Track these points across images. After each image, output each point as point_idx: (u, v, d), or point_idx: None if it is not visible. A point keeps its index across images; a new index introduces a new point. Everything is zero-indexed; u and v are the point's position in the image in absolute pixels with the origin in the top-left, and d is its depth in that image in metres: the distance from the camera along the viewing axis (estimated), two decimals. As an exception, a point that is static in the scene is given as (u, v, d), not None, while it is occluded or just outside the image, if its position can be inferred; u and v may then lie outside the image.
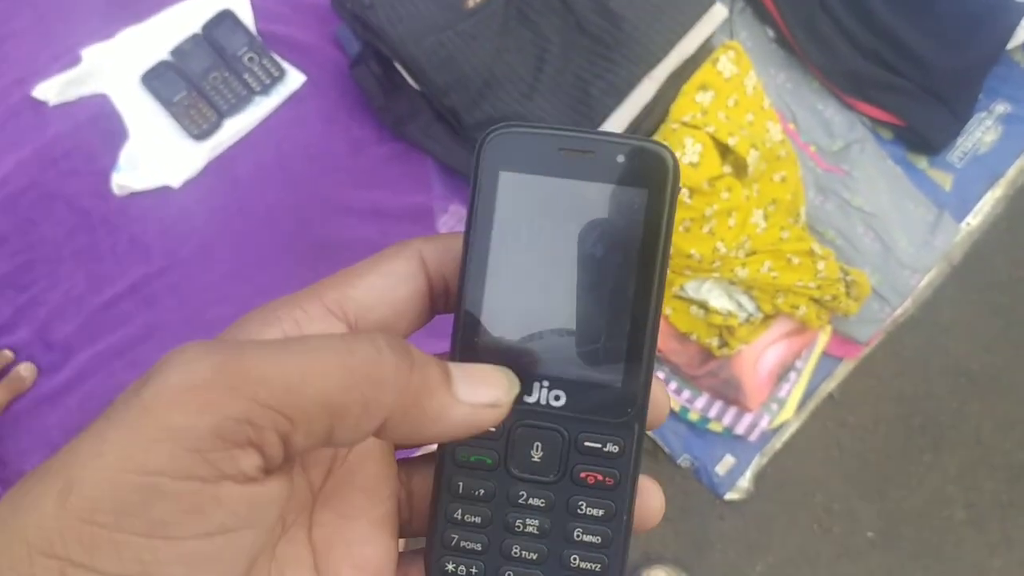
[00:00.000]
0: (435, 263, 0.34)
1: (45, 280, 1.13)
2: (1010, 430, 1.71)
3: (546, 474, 0.34)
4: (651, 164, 0.33)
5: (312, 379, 0.26)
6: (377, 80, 1.20)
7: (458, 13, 1.17)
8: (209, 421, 0.25)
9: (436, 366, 0.30)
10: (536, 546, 0.34)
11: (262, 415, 0.26)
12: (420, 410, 0.29)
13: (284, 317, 0.31)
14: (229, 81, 1.19)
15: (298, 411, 0.26)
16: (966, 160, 1.50)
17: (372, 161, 1.24)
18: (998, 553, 1.66)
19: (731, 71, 1.27)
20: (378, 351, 0.28)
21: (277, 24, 1.24)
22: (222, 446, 0.25)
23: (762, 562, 1.61)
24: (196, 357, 0.26)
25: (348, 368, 0.27)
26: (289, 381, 0.26)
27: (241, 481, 0.26)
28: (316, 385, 0.26)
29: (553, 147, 0.34)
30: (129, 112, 1.18)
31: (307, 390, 0.26)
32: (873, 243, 1.40)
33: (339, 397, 0.27)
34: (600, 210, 0.33)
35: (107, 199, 1.15)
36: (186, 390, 0.25)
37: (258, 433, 0.26)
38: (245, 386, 0.26)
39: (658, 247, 0.33)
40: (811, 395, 1.43)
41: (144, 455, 0.25)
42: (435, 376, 0.29)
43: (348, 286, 0.33)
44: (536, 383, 0.34)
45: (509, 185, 0.34)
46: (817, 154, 1.42)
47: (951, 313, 1.70)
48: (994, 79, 1.50)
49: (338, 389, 0.27)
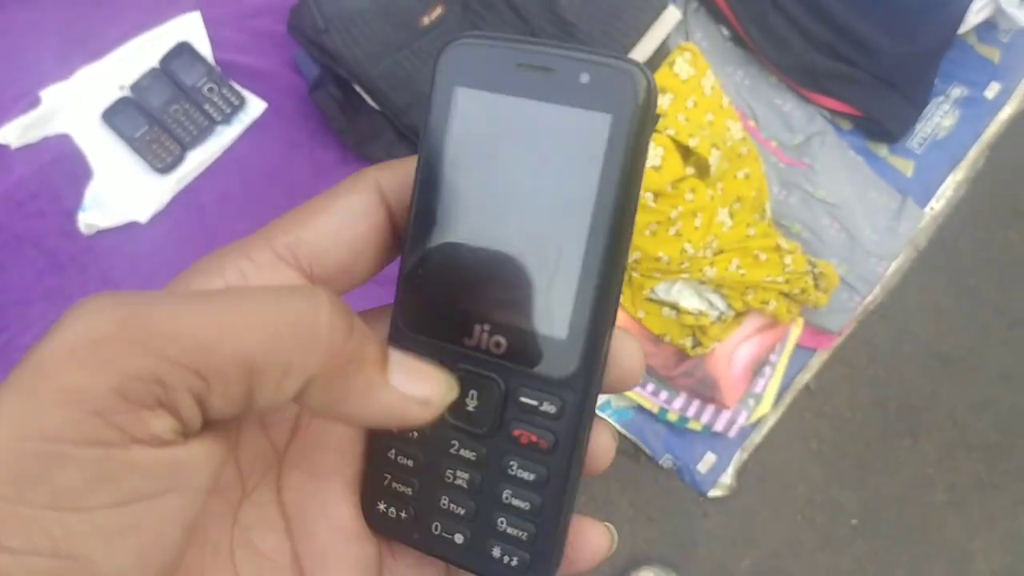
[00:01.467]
0: (395, 194, 0.31)
1: (16, 324, 1.13)
2: (984, 410, 1.73)
3: (480, 426, 0.31)
4: (619, 85, 0.29)
5: (230, 334, 0.24)
6: (337, 103, 1.20)
7: (413, 32, 1.17)
8: (110, 380, 0.22)
9: (375, 344, 0.28)
10: (465, 502, 0.32)
11: (171, 373, 0.23)
12: (345, 382, 0.27)
13: (229, 267, 0.29)
14: (190, 113, 1.20)
15: (212, 369, 0.24)
16: (926, 145, 1.52)
17: (337, 183, 1.24)
18: (980, 533, 1.68)
19: (688, 72, 1.28)
20: (314, 308, 0.25)
21: (235, 53, 1.24)
22: (127, 408, 0.23)
23: (748, 556, 1.62)
24: (98, 309, 0.23)
25: (273, 323, 0.25)
26: (204, 336, 0.24)
27: (154, 444, 0.24)
28: (234, 341, 0.24)
29: (512, 62, 0.30)
30: (92, 150, 1.17)
31: (223, 346, 0.24)
32: (839, 234, 1.41)
33: (260, 355, 0.24)
34: (559, 136, 0.29)
35: (75, 239, 1.15)
36: (84, 347, 0.23)
37: (168, 393, 0.23)
38: (152, 341, 0.23)
39: (620, 183, 0.29)
40: (787, 388, 1.44)
41: (41, 420, 0.22)
42: (371, 353, 0.27)
43: (300, 228, 0.30)
44: (477, 325, 0.30)
45: (464, 102, 0.30)
46: (778, 149, 1.43)
47: (920, 298, 1.72)
48: (949, 63, 1.52)
49: (259, 346, 0.24)
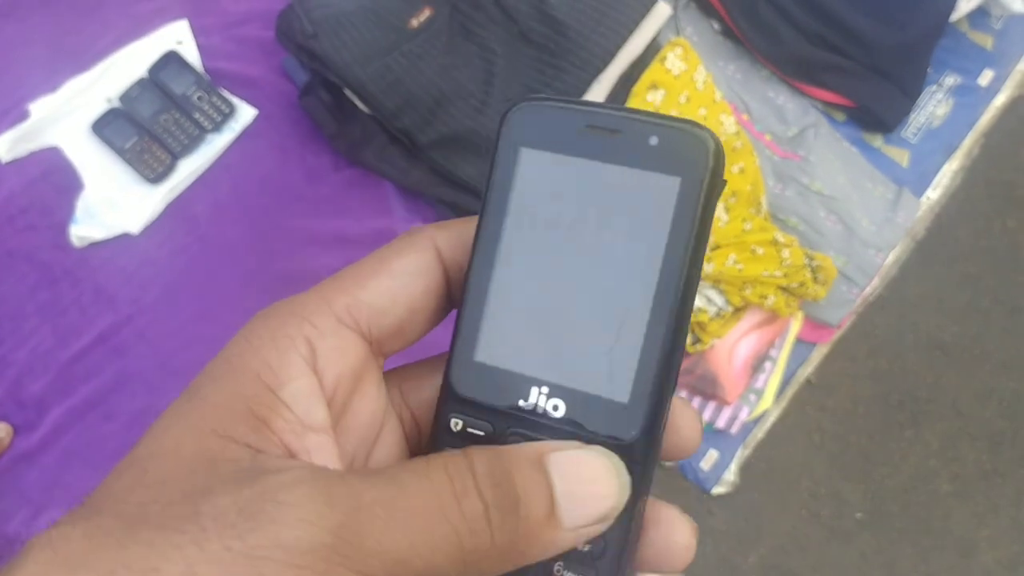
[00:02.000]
0: (451, 252, 0.31)
1: (11, 339, 1.12)
2: (987, 399, 1.72)
3: None
4: (688, 149, 0.29)
5: (421, 554, 0.25)
6: (327, 108, 1.20)
7: (402, 34, 1.17)
8: None
9: (540, 499, 0.26)
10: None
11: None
12: (521, 557, 0.26)
13: (296, 336, 0.28)
14: (180, 122, 1.19)
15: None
16: (921, 135, 1.51)
17: (330, 189, 1.24)
18: (986, 522, 1.67)
19: (680, 68, 1.28)
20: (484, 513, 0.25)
21: (223, 61, 1.24)
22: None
23: (754, 553, 1.61)
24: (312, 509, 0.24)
25: (455, 544, 0.25)
26: (399, 555, 0.24)
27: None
28: (425, 557, 0.25)
29: (580, 124, 0.30)
30: (82, 162, 1.17)
31: (416, 562, 0.24)
32: (835, 226, 1.41)
33: (442, 564, 0.25)
34: (626, 199, 0.29)
35: (67, 251, 1.15)
36: (301, 555, 0.23)
37: None
38: (358, 558, 0.24)
39: (688, 245, 0.28)
40: (788, 382, 1.44)
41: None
42: (539, 514, 0.26)
43: (358, 288, 0.30)
44: (534, 387, 0.30)
45: (529, 163, 0.30)
46: (773, 142, 1.42)
47: (919, 288, 1.71)
48: (942, 52, 1.52)
49: (444, 559, 0.25)
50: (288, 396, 0.28)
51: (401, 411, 0.33)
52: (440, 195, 1.22)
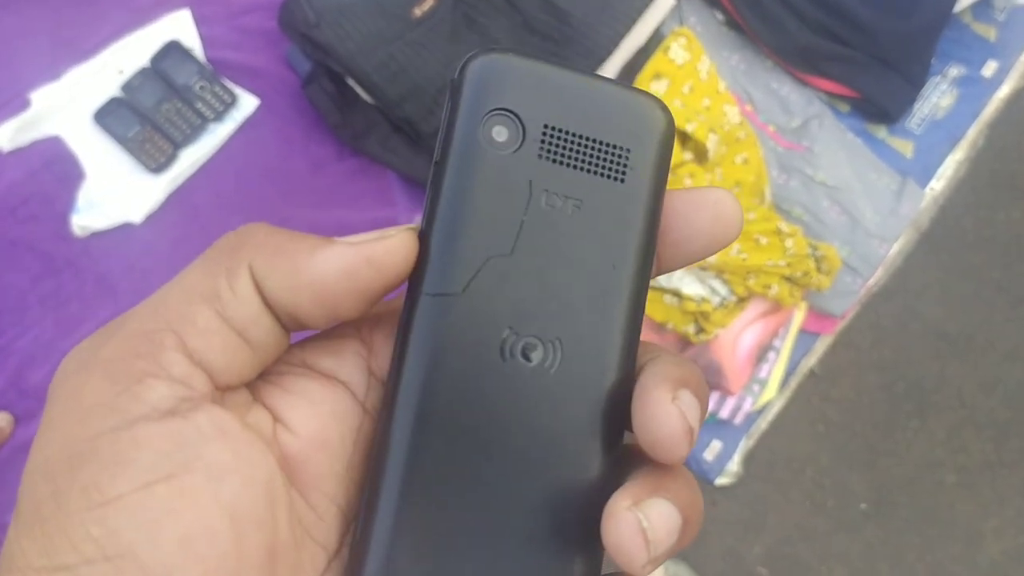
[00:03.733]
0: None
1: (13, 329, 1.12)
2: (992, 389, 1.72)
3: None
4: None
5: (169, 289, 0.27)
6: (331, 97, 1.19)
7: (405, 23, 1.16)
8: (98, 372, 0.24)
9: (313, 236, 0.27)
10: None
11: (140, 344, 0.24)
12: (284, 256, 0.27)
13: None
14: (182, 111, 1.19)
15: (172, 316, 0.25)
16: (925, 126, 1.51)
17: (333, 179, 1.23)
18: (992, 512, 1.67)
19: (683, 58, 1.27)
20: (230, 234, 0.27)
21: (226, 50, 1.24)
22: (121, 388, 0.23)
23: (759, 543, 1.61)
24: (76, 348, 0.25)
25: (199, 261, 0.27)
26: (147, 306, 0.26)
27: (157, 418, 0.23)
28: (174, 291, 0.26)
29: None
30: (84, 152, 1.17)
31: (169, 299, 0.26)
32: (840, 216, 1.40)
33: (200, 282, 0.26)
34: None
35: (69, 241, 1.14)
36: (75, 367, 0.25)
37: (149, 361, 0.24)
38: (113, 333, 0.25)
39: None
40: (792, 373, 1.43)
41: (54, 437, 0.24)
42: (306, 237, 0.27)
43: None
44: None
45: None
46: (776, 133, 1.42)
47: (923, 278, 1.71)
48: (946, 42, 1.51)
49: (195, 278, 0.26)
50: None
51: None
52: (443, 184, 1.21)
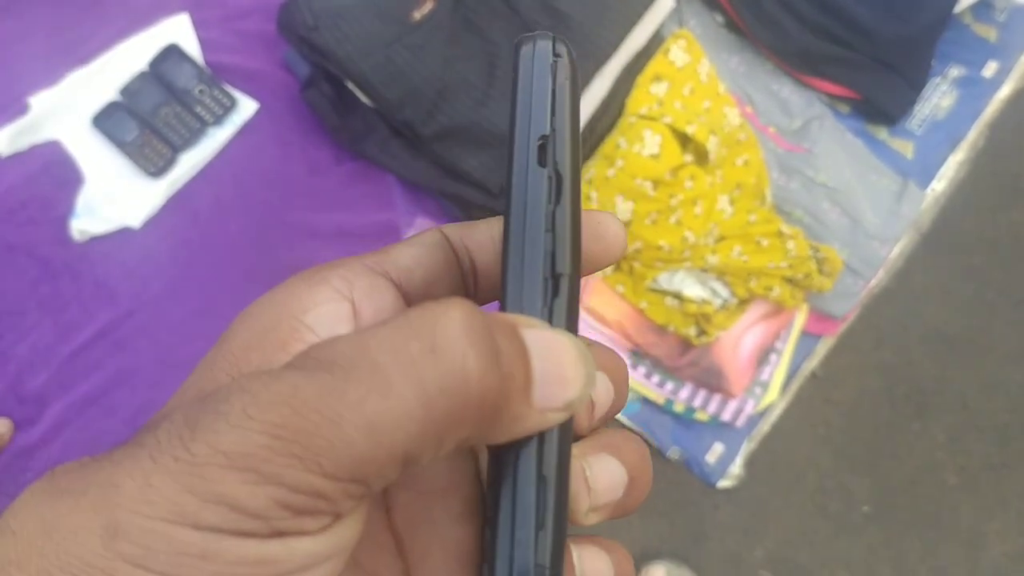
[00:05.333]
0: (457, 238, 0.32)
1: (12, 333, 1.12)
2: (994, 391, 1.72)
3: None
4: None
5: (386, 434, 0.22)
6: (330, 101, 1.19)
7: (404, 26, 1.16)
8: (270, 493, 0.22)
9: (520, 363, 0.25)
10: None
11: (331, 488, 0.23)
12: (492, 426, 0.25)
13: (329, 275, 0.28)
14: (181, 115, 1.18)
15: (371, 473, 0.23)
16: (925, 127, 1.51)
17: (332, 182, 1.23)
18: (994, 515, 1.67)
19: (683, 60, 1.27)
20: (462, 359, 0.23)
21: (225, 54, 1.23)
22: (288, 514, 0.22)
23: (760, 547, 1.61)
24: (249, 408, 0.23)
25: (426, 405, 0.23)
26: (359, 447, 0.22)
27: (305, 536, 0.23)
28: (391, 440, 0.23)
29: None
30: (83, 156, 1.16)
31: (379, 452, 0.23)
32: (840, 218, 1.40)
33: (415, 448, 0.23)
34: None
35: (68, 246, 1.14)
36: (239, 457, 0.22)
37: (332, 505, 0.23)
38: (308, 456, 0.22)
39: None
40: (794, 375, 1.43)
41: (197, 514, 0.22)
42: (519, 381, 0.25)
43: (384, 253, 0.31)
44: None
45: None
46: (777, 134, 1.42)
47: (925, 280, 1.70)
48: (946, 44, 1.51)
49: (412, 442, 0.23)
50: (313, 320, 0.27)
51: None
52: (442, 187, 1.21)
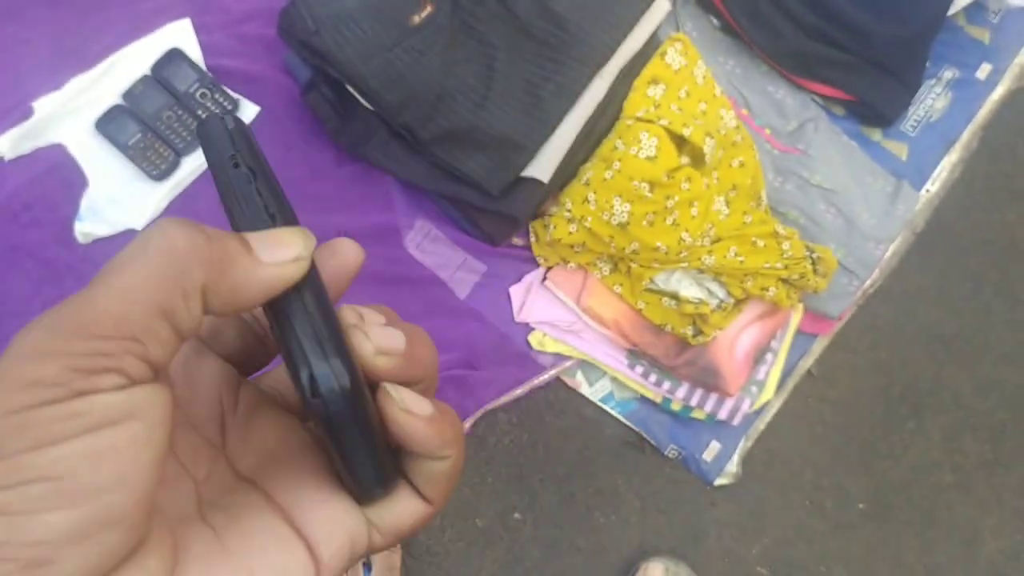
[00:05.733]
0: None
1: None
2: (988, 390, 1.73)
3: None
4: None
5: (134, 296, 0.28)
6: (330, 104, 1.20)
7: (404, 30, 1.17)
8: (60, 363, 0.27)
9: (234, 238, 0.32)
10: None
11: (109, 346, 0.28)
12: (228, 278, 0.31)
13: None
14: (183, 118, 1.20)
15: (139, 328, 0.28)
16: (919, 128, 1.52)
17: (333, 185, 1.24)
18: (989, 512, 1.68)
19: (680, 63, 1.28)
20: (169, 241, 0.30)
21: (226, 58, 1.25)
22: (81, 377, 0.27)
23: (758, 544, 1.62)
24: (29, 329, 0.28)
25: (156, 270, 0.29)
26: (117, 309, 0.28)
27: (108, 391, 0.28)
28: (141, 301, 0.28)
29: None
30: (86, 159, 1.17)
31: (136, 309, 0.28)
32: (835, 219, 1.41)
33: (163, 299, 0.29)
34: None
35: (72, 248, 1.15)
36: (32, 352, 0.27)
37: (114, 360, 0.28)
38: (82, 329, 0.27)
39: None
40: (790, 374, 1.44)
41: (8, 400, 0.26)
42: (234, 246, 0.32)
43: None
44: None
45: None
46: (772, 136, 1.43)
47: (920, 280, 1.72)
48: (940, 45, 1.52)
49: (158, 293, 0.29)
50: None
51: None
52: (441, 189, 1.22)
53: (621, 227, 1.21)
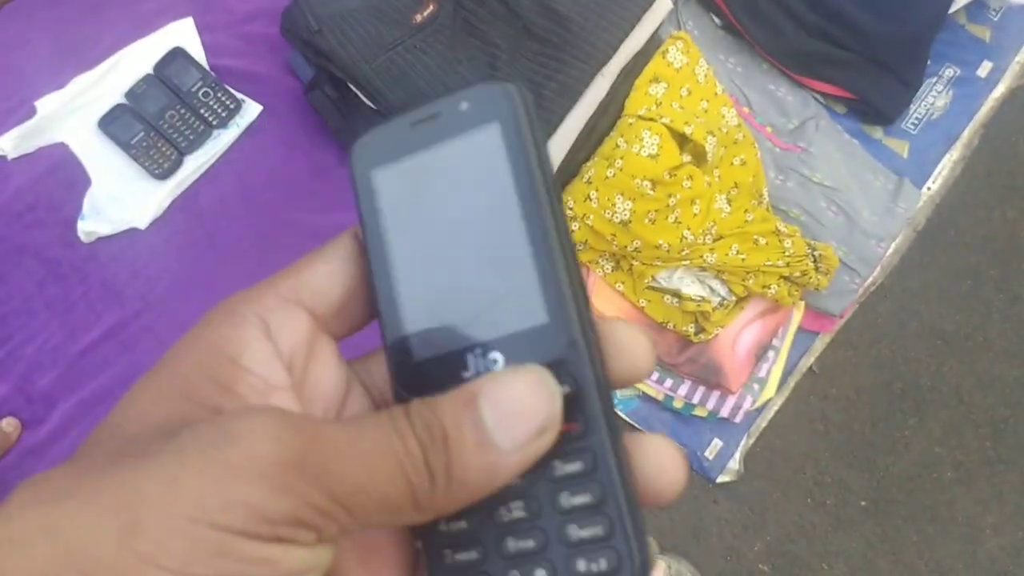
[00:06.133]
0: None
1: (20, 334, 1.13)
2: (989, 386, 1.73)
3: None
4: (496, 99, 0.32)
5: (377, 483, 0.27)
6: (333, 103, 1.20)
7: (406, 29, 1.17)
8: (290, 504, 0.25)
9: (468, 430, 0.28)
10: (530, 529, 0.30)
11: (333, 510, 0.26)
12: (466, 487, 0.28)
13: (246, 313, 0.31)
14: (186, 117, 1.20)
15: (362, 510, 0.27)
16: (920, 126, 1.52)
17: (336, 183, 1.24)
18: (990, 509, 1.68)
19: (681, 61, 1.28)
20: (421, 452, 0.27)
21: (229, 57, 1.24)
22: (294, 524, 0.26)
23: (759, 541, 1.62)
24: (281, 431, 0.26)
25: (403, 478, 0.27)
26: (359, 481, 0.27)
27: (298, 546, 0.26)
28: (380, 489, 0.27)
29: (406, 127, 0.33)
30: (89, 158, 1.17)
31: (373, 493, 0.27)
32: (837, 216, 1.42)
33: (396, 499, 0.27)
34: (468, 161, 0.32)
35: (75, 247, 1.15)
36: (272, 466, 0.25)
37: (325, 521, 0.26)
38: (324, 479, 0.26)
39: (534, 173, 0.31)
40: (791, 371, 1.45)
41: (220, 514, 0.25)
42: (469, 442, 0.28)
43: (298, 273, 0.33)
44: (469, 354, 0.31)
45: (383, 179, 0.33)
46: (773, 134, 1.43)
47: (921, 278, 1.72)
48: (941, 44, 1.52)
49: (397, 493, 0.27)
50: (248, 361, 0.30)
51: (370, 386, 0.35)
52: (444, 188, 1.22)
53: (623, 225, 1.21)
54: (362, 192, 0.33)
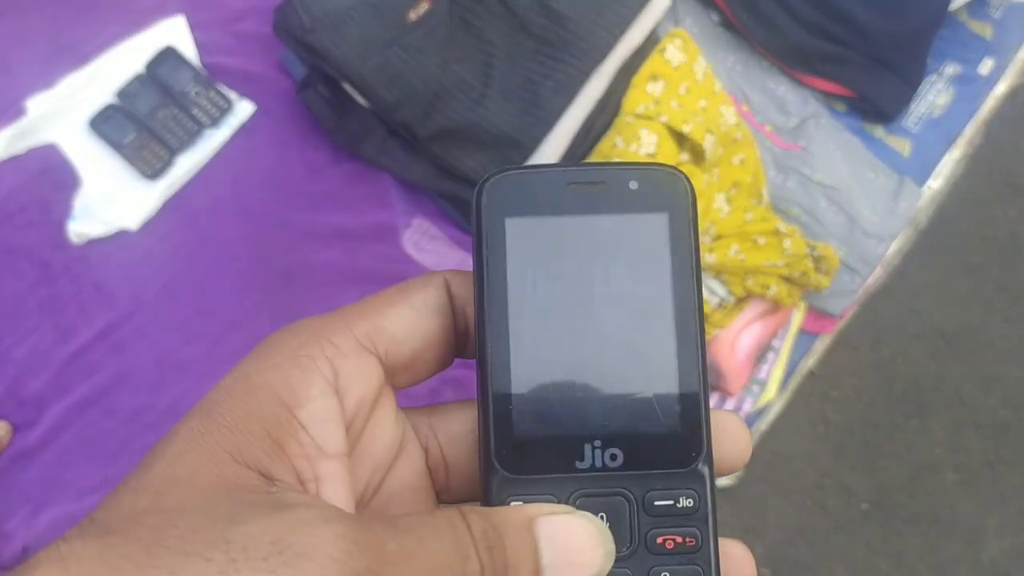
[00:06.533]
0: (461, 299, 0.32)
1: (11, 336, 1.12)
2: (991, 387, 1.72)
3: (619, 548, 0.29)
4: (668, 186, 0.31)
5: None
6: (327, 102, 1.19)
7: (401, 27, 1.16)
8: None
9: (527, 565, 0.27)
10: None
11: None
12: None
13: (318, 356, 0.29)
14: (178, 117, 1.19)
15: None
16: (922, 124, 1.51)
17: (330, 183, 1.23)
18: (993, 511, 1.67)
19: (679, 59, 1.27)
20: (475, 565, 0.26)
21: (221, 56, 1.23)
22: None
23: (760, 544, 1.61)
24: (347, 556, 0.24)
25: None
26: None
27: None
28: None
29: (560, 183, 0.31)
30: (80, 159, 1.16)
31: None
32: (837, 216, 1.40)
33: None
34: (622, 242, 0.31)
35: (66, 249, 1.14)
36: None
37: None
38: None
39: (692, 272, 0.30)
40: (792, 373, 1.43)
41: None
42: (525, 573, 0.27)
43: (378, 316, 0.31)
44: (587, 445, 0.30)
45: (517, 231, 0.31)
46: (773, 133, 1.42)
47: (922, 277, 1.71)
48: (942, 41, 1.51)
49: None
50: (306, 417, 0.28)
51: (428, 442, 0.33)
52: (440, 188, 1.21)
53: (621, 225, 1.20)
54: (490, 238, 0.31)
